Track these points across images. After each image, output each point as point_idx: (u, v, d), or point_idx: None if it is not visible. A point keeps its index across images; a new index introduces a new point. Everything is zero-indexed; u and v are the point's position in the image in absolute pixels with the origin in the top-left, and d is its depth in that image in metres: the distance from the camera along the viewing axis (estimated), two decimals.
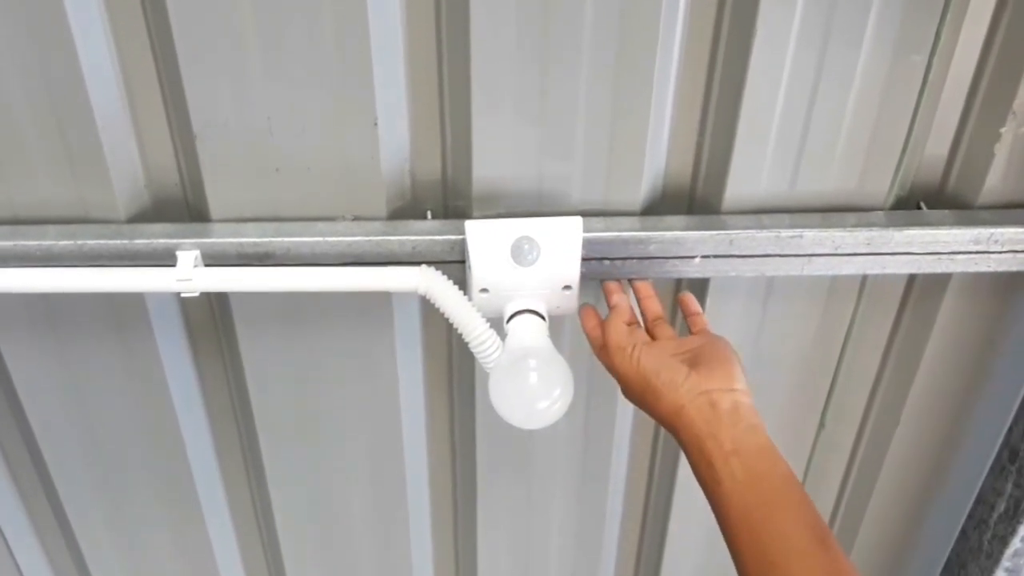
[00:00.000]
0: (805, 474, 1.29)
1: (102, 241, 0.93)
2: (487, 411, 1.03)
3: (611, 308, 0.95)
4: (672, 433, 0.85)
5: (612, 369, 0.91)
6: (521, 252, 0.92)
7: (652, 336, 0.93)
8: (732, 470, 0.78)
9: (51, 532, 1.31)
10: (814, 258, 0.98)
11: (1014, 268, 0.99)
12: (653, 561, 1.38)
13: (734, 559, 0.77)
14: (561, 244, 0.93)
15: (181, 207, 1.00)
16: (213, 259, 0.94)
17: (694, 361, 0.86)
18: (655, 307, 0.97)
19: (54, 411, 1.14)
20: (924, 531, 1.36)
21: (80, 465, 1.21)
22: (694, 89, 0.96)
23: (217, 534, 1.30)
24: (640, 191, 0.98)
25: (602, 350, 0.93)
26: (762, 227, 0.96)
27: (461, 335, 0.94)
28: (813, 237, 0.96)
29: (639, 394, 0.88)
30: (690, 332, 0.96)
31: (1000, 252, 0.98)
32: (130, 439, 1.18)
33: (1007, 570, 1.26)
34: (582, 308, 0.98)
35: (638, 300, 0.98)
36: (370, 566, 1.34)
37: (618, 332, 0.91)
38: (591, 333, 0.96)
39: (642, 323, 0.96)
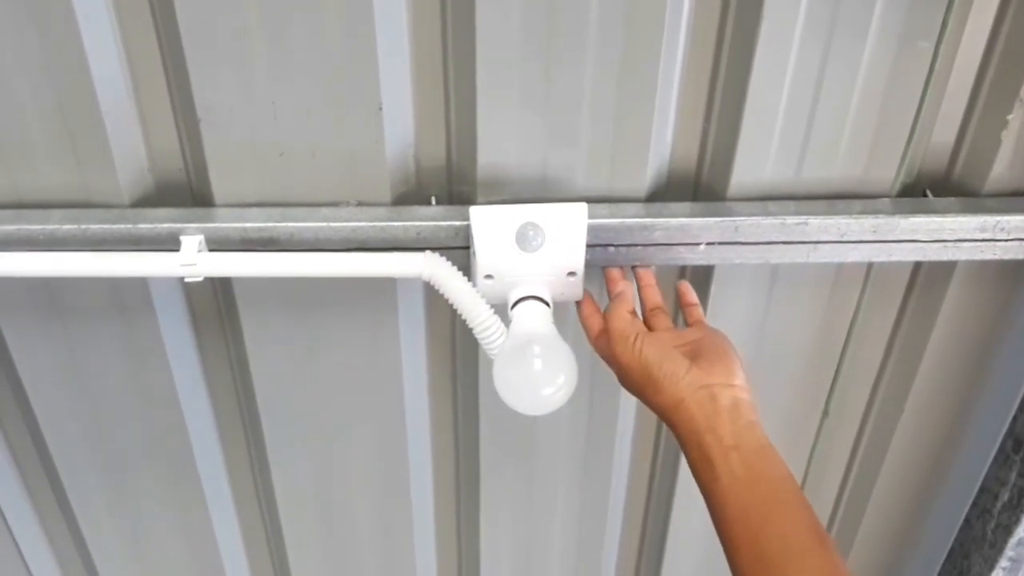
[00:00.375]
0: (808, 463, 1.29)
1: (106, 226, 0.93)
2: (491, 397, 1.03)
3: (615, 295, 0.95)
4: (669, 426, 0.85)
5: (612, 357, 0.91)
6: (526, 238, 0.92)
7: (649, 326, 0.93)
8: (731, 466, 0.78)
9: (54, 518, 1.31)
10: (819, 245, 0.97)
11: (1020, 256, 0.99)
12: (656, 552, 1.38)
13: (729, 556, 0.77)
14: (566, 230, 0.93)
15: (185, 192, 0.99)
16: (217, 244, 0.94)
17: (694, 354, 0.86)
18: (655, 297, 0.96)
19: (57, 396, 1.14)
20: (928, 520, 1.36)
21: (83, 451, 1.21)
22: (700, 75, 0.96)
23: (220, 520, 1.30)
24: (645, 177, 0.98)
25: (599, 337, 0.93)
26: (767, 214, 0.96)
27: (465, 321, 0.93)
28: (819, 224, 0.96)
29: (639, 384, 0.87)
30: (686, 322, 0.96)
31: (1006, 240, 0.98)
32: (133, 424, 1.18)
33: (1011, 559, 1.26)
34: (586, 315, 0.97)
35: (639, 288, 0.98)
36: (373, 552, 1.35)
37: (621, 319, 0.91)
38: (587, 320, 0.96)
39: (640, 312, 0.96)
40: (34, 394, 1.14)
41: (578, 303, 0.98)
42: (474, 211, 0.93)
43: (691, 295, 0.97)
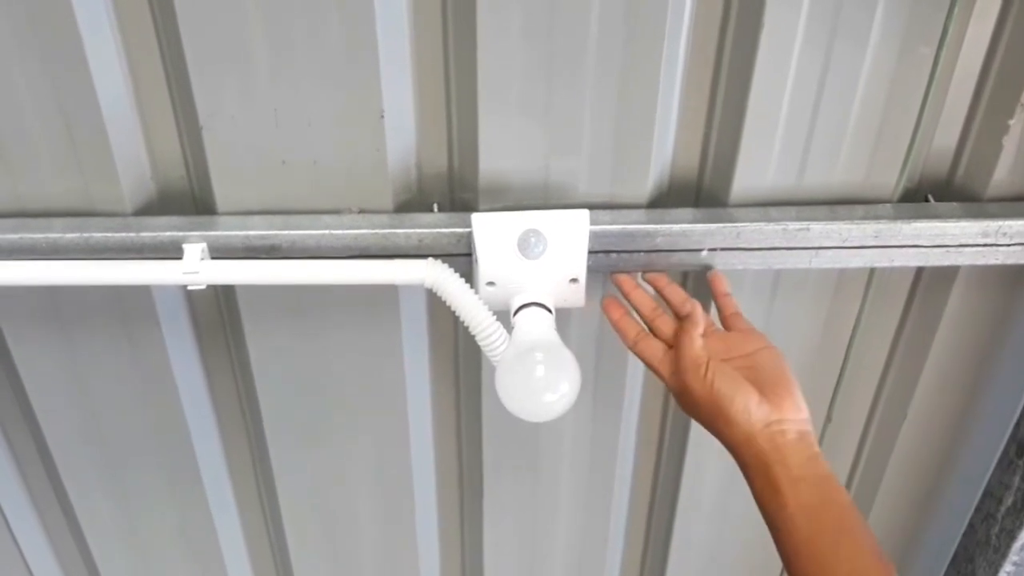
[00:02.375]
0: None
1: (108, 234, 0.93)
2: (493, 404, 1.03)
3: (686, 317, 0.91)
4: (735, 455, 0.85)
5: (682, 387, 0.88)
6: (528, 245, 0.92)
7: (680, 318, 0.92)
8: (799, 495, 0.79)
9: (56, 520, 1.31)
10: (821, 251, 0.97)
11: (1022, 261, 0.99)
12: (659, 553, 1.38)
13: None
14: (568, 237, 0.93)
15: (187, 200, 0.99)
16: (219, 252, 0.94)
17: (757, 380, 0.86)
18: (679, 292, 0.95)
19: (60, 404, 1.14)
20: (931, 525, 1.36)
21: (86, 459, 1.21)
22: (701, 81, 0.96)
23: (222, 523, 1.30)
24: (647, 184, 0.98)
25: (664, 361, 0.91)
26: (769, 220, 0.96)
27: (468, 328, 0.94)
28: (820, 230, 0.96)
29: (708, 416, 0.87)
30: (721, 314, 0.95)
31: (1008, 245, 0.98)
32: (136, 432, 1.18)
33: (1015, 564, 1.25)
34: (617, 318, 0.96)
35: (658, 291, 0.97)
36: (377, 555, 1.34)
37: (694, 346, 0.88)
38: (624, 329, 0.95)
39: (671, 312, 0.95)
40: (37, 402, 1.14)
41: (620, 328, 0.96)
42: (476, 218, 0.93)
43: (724, 284, 0.97)
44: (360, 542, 1.32)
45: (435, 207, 1.00)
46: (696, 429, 1.16)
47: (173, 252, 0.93)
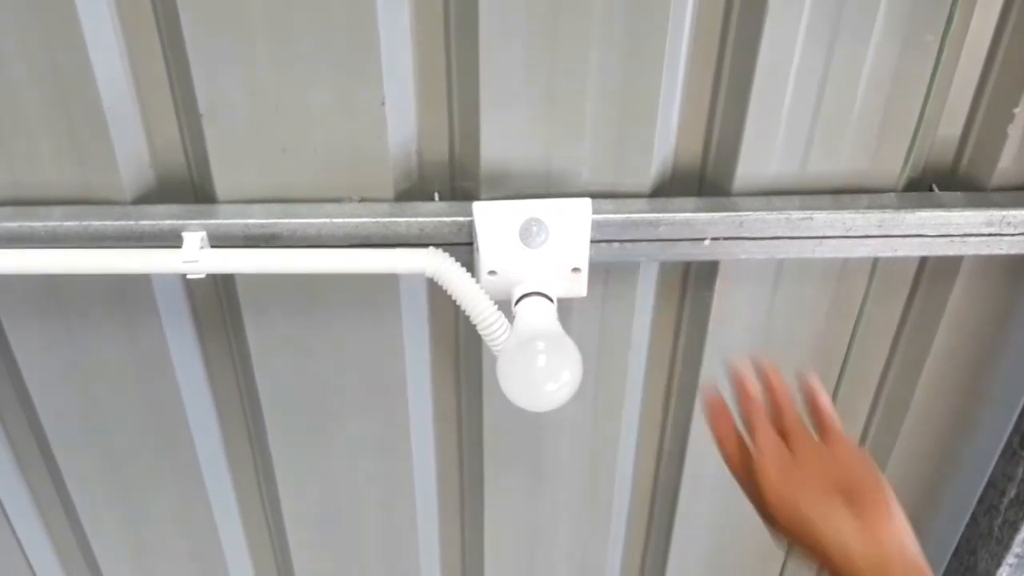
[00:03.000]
0: None
1: (108, 222, 0.93)
2: (495, 394, 1.03)
3: (752, 427, 0.80)
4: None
5: (763, 511, 0.79)
6: (529, 234, 0.92)
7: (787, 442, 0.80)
8: None
9: (55, 514, 1.31)
10: (825, 240, 0.97)
11: None
12: (661, 548, 1.38)
13: None
14: (570, 226, 0.93)
15: (187, 188, 0.99)
16: (219, 241, 0.94)
17: (850, 497, 0.76)
18: (790, 406, 0.82)
19: (60, 393, 1.14)
20: (934, 517, 1.36)
21: (84, 448, 1.21)
22: (705, 69, 0.95)
23: (222, 517, 1.30)
24: (650, 173, 0.98)
25: (742, 473, 0.81)
26: (773, 209, 0.96)
27: (469, 318, 0.93)
28: (824, 219, 0.96)
29: (795, 533, 0.76)
30: (812, 419, 0.82)
31: (1012, 234, 0.97)
32: (135, 422, 1.18)
33: (1017, 556, 1.25)
34: (722, 436, 0.83)
35: (766, 389, 0.83)
36: (378, 548, 1.34)
37: (772, 485, 0.77)
38: (728, 448, 0.83)
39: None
40: (36, 391, 1.14)
41: (719, 439, 0.84)
42: (477, 207, 0.92)
43: (822, 396, 0.82)
44: (360, 535, 1.32)
45: (436, 196, 0.99)
46: (698, 423, 1.16)
47: (173, 241, 0.93)
